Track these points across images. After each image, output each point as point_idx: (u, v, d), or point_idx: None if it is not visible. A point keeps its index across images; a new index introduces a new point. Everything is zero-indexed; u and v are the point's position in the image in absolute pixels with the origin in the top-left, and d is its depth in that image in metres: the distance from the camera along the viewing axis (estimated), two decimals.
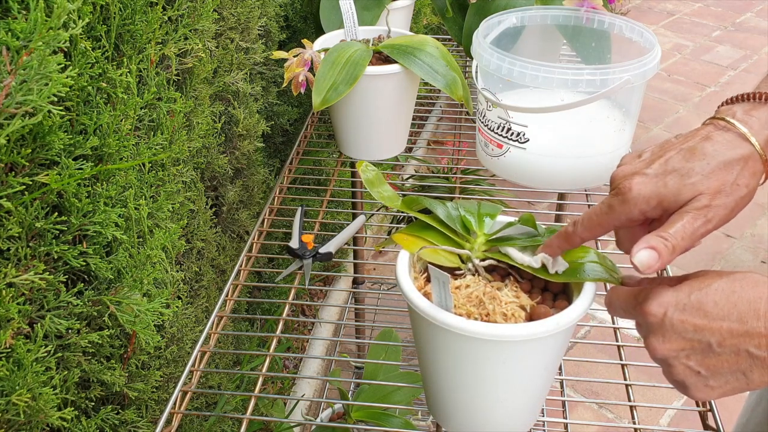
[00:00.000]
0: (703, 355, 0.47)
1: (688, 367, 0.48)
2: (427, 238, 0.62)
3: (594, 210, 0.54)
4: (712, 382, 0.48)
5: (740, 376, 0.47)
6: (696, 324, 0.47)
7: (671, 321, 0.48)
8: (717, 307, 0.46)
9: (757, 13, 3.82)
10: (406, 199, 0.65)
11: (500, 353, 0.54)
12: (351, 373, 1.63)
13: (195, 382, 0.71)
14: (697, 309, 0.47)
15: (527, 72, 0.80)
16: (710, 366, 0.47)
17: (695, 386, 0.49)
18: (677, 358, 0.48)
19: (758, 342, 0.45)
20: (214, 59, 0.97)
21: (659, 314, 0.48)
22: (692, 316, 0.47)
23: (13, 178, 0.58)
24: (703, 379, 0.48)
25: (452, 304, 0.54)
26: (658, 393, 1.66)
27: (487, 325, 0.53)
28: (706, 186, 0.49)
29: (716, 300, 0.47)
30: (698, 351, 0.47)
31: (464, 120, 1.20)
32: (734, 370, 0.47)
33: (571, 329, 0.56)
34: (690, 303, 0.47)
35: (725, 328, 0.46)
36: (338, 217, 1.68)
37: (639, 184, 0.50)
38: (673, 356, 0.48)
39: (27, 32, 0.51)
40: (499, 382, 0.56)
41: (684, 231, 0.49)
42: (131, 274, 0.73)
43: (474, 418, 0.60)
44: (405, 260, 0.61)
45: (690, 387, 0.49)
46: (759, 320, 0.45)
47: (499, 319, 0.55)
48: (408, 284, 0.57)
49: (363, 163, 0.68)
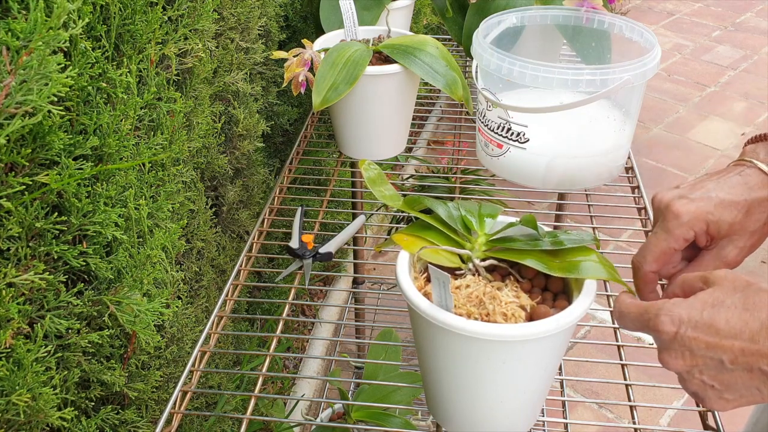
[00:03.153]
0: (716, 371, 0.48)
1: (702, 382, 0.49)
2: (427, 238, 0.62)
3: (651, 240, 0.58)
4: (727, 395, 0.49)
5: (755, 391, 0.47)
6: (708, 342, 0.47)
7: (683, 338, 0.48)
8: (728, 325, 0.47)
9: (757, 13, 3.82)
10: (407, 199, 0.65)
11: (500, 353, 0.54)
12: (351, 373, 1.63)
13: (195, 382, 0.71)
14: (709, 326, 0.47)
15: (527, 72, 0.80)
16: (724, 381, 0.48)
17: (711, 399, 0.49)
18: (691, 373, 0.49)
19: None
20: (214, 59, 0.97)
21: (671, 332, 0.48)
22: (704, 334, 0.47)
23: (13, 178, 0.58)
24: (718, 392, 0.49)
25: (452, 304, 0.54)
26: (658, 393, 1.66)
27: (486, 325, 0.53)
28: (741, 226, 0.56)
29: (728, 318, 0.47)
30: (711, 367, 0.48)
31: (464, 120, 1.20)
32: (748, 386, 0.47)
33: (572, 329, 0.56)
34: (702, 320, 0.48)
35: (737, 347, 0.46)
36: (338, 217, 1.68)
37: (686, 205, 0.57)
38: (686, 371, 0.49)
39: (27, 32, 0.51)
40: (499, 382, 0.56)
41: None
42: (131, 274, 0.73)
43: (474, 418, 0.60)
44: (405, 260, 0.61)
45: (706, 399, 0.50)
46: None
47: (499, 319, 0.55)
48: (408, 284, 0.57)
49: (365, 162, 0.68)
